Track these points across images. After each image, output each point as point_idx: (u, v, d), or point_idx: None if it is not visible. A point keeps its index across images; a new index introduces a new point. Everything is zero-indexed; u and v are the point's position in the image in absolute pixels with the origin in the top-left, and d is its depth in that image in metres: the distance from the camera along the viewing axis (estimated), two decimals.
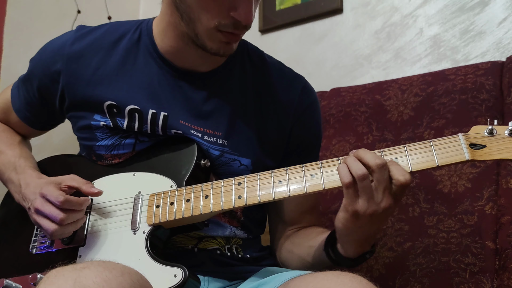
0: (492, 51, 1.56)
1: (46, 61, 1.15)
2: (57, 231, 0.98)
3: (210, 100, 1.10)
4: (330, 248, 1.00)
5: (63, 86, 1.12)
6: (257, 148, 1.10)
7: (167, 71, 1.10)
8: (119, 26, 1.16)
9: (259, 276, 1.06)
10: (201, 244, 1.08)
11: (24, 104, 1.21)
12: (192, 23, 0.99)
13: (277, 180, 0.95)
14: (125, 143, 1.11)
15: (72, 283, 0.72)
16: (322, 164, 0.93)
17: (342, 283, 0.81)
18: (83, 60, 1.11)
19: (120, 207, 1.04)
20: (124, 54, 1.11)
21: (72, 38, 1.14)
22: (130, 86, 1.09)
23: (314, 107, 1.18)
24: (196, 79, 1.10)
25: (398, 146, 0.91)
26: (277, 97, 1.14)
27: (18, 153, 1.17)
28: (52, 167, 1.16)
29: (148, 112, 1.08)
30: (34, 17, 2.02)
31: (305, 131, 1.16)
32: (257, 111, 1.12)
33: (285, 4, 2.02)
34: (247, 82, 1.13)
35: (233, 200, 0.96)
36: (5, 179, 1.16)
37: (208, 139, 1.08)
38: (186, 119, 1.08)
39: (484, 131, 0.88)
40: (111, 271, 0.76)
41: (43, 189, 1.00)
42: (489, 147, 0.87)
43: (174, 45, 1.07)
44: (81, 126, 1.13)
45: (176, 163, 1.06)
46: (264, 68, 1.16)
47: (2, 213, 1.22)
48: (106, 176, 1.10)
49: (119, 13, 2.26)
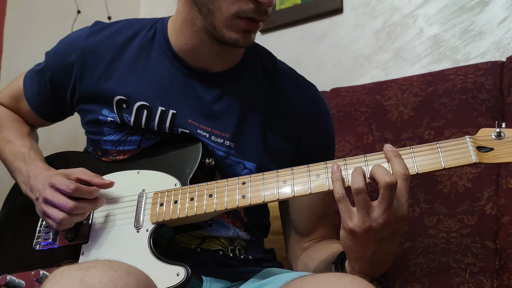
0: (492, 51, 1.56)
1: (60, 54, 1.16)
2: (65, 219, 0.98)
3: (220, 101, 1.10)
4: (339, 265, 0.97)
5: (75, 79, 1.13)
6: (263, 152, 1.10)
7: (179, 69, 1.10)
8: (134, 23, 1.16)
9: (260, 277, 1.05)
10: (204, 244, 1.08)
11: (36, 94, 1.22)
12: (211, 15, 0.99)
13: (282, 180, 0.94)
14: (131, 139, 1.11)
15: (78, 283, 0.72)
16: (327, 164, 0.93)
17: (342, 284, 0.80)
18: (96, 54, 1.12)
19: (124, 205, 1.04)
20: (137, 51, 1.12)
21: (87, 33, 1.15)
22: (141, 82, 1.10)
23: (324, 115, 1.17)
24: (208, 79, 1.10)
25: (404, 148, 0.90)
26: (287, 103, 1.13)
27: (28, 144, 1.18)
28: (57, 163, 1.16)
29: (157, 109, 1.08)
30: (34, 17, 2.02)
31: (315, 139, 1.15)
32: (266, 116, 1.12)
33: (285, 4, 2.03)
34: (258, 86, 1.13)
35: (237, 200, 0.95)
36: (13, 169, 1.16)
37: (215, 139, 1.08)
38: (194, 118, 1.08)
39: (492, 134, 0.87)
40: (117, 271, 0.76)
41: (52, 179, 1.01)
42: (496, 150, 0.86)
43: (189, 43, 1.07)
44: (89, 120, 1.14)
45: (181, 162, 1.06)
46: (276, 74, 1.16)
47: (6, 209, 1.22)
48: (110, 174, 1.10)
49: (119, 13, 2.25)
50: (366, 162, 0.90)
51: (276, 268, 1.13)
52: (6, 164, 1.19)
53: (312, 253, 1.12)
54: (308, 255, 1.13)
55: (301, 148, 1.14)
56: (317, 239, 1.16)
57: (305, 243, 1.16)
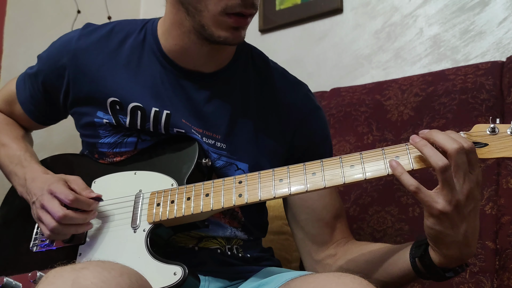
0: (492, 51, 1.56)
1: (52, 56, 1.16)
2: (56, 228, 0.98)
3: (211, 101, 1.09)
4: (424, 258, 0.91)
5: (68, 81, 1.13)
6: (256, 153, 1.10)
7: (170, 70, 1.10)
8: (125, 25, 1.16)
9: (260, 277, 1.05)
10: (201, 243, 1.08)
11: (29, 97, 1.22)
12: (198, 15, 0.99)
13: (278, 178, 0.95)
14: (128, 141, 1.11)
15: (71, 284, 0.72)
16: (323, 162, 0.93)
17: (343, 283, 0.80)
18: (88, 56, 1.12)
19: (121, 205, 1.04)
20: (129, 53, 1.12)
21: (79, 35, 1.14)
22: (134, 84, 1.10)
23: (318, 112, 1.16)
24: (199, 80, 1.10)
25: (399, 145, 0.91)
26: (279, 102, 1.13)
27: (23, 147, 1.18)
28: (54, 166, 1.16)
29: (151, 110, 1.08)
30: (34, 17, 2.02)
31: (309, 137, 1.14)
32: (258, 116, 1.12)
33: (285, 4, 2.03)
34: (249, 86, 1.13)
35: (233, 199, 0.95)
36: (8, 172, 1.16)
37: (207, 141, 1.08)
38: (187, 119, 1.08)
39: (486, 130, 0.88)
40: (110, 272, 0.76)
41: (52, 186, 1.01)
42: (491, 145, 0.87)
43: (179, 44, 1.07)
44: (84, 123, 1.14)
45: (178, 162, 1.06)
46: (268, 73, 1.15)
47: (3, 211, 1.22)
48: (107, 175, 1.10)
49: (119, 13, 2.26)
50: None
51: (276, 267, 1.13)
52: (1, 168, 1.19)
53: (358, 257, 1.06)
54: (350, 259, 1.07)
55: (295, 146, 1.13)
56: (338, 242, 1.12)
57: (328, 250, 1.12)
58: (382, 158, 0.89)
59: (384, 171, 0.89)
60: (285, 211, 1.19)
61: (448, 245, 0.87)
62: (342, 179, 0.90)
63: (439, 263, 0.89)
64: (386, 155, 0.90)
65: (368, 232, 1.40)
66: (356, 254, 1.07)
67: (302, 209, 1.14)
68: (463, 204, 0.83)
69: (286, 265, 1.42)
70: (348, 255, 1.08)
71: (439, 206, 0.83)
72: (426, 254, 0.91)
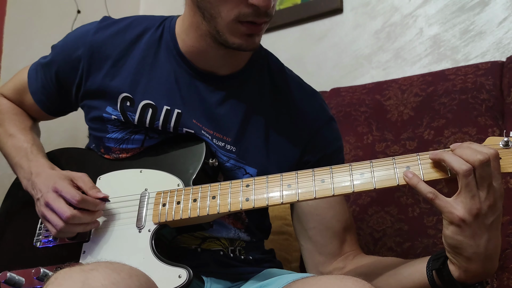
0: (492, 51, 1.56)
1: (67, 48, 1.15)
2: (64, 228, 0.98)
3: (224, 104, 1.09)
4: (436, 271, 0.88)
5: (82, 74, 1.12)
6: (265, 158, 1.09)
7: (185, 69, 1.09)
8: (143, 20, 1.15)
9: (261, 278, 1.05)
10: (204, 244, 1.08)
11: (40, 87, 1.21)
12: (213, 20, 0.98)
13: (286, 183, 0.93)
14: (135, 138, 1.11)
15: (80, 285, 0.71)
16: (332, 169, 0.91)
17: (345, 286, 0.79)
18: (104, 49, 1.11)
19: (126, 204, 1.03)
20: (145, 49, 1.11)
21: (96, 28, 1.13)
22: (148, 81, 1.09)
23: (331, 124, 1.15)
24: (213, 81, 1.09)
25: (410, 155, 0.88)
26: (295, 110, 1.12)
27: (30, 139, 1.17)
28: (60, 159, 1.16)
29: (163, 108, 1.08)
30: (34, 17, 2.02)
31: (322, 149, 1.12)
32: (271, 121, 1.11)
33: (285, 4, 2.03)
34: (264, 91, 1.12)
35: (240, 202, 0.94)
36: (14, 163, 1.14)
37: (217, 143, 1.08)
38: (198, 119, 1.08)
39: (500, 143, 0.85)
40: (119, 273, 0.75)
41: (57, 184, 1.00)
42: (504, 159, 0.84)
43: (195, 45, 1.07)
44: (93, 116, 1.13)
45: (184, 162, 1.05)
46: (283, 80, 1.15)
47: (6, 205, 1.21)
48: (113, 172, 1.09)
49: (119, 13, 2.24)
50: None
51: (277, 269, 1.13)
52: (7, 158, 1.18)
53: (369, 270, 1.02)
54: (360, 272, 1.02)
55: (307, 156, 1.12)
56: (346, 255, 1.10)
57: (336, 262, 1.10)
58: (392, 168, 0.88)
59: (394, 181, 0.87)
60: (293, 221, 1.17)
61: (469, 257, 0.83)
62: (351, 187, 0.88)
63: (458, 278, 0.85)
64: (396, 164, 0.88)
65: (368, 232, 1.40)
66: (366, 267, 1.04)
67: (312, 216, 1.12)
68: (484, 213, 0.81)
69: (286, 265, 1.42)
70: (358, 268, 1.05)
71: (459, 213, 0.81)
72: (444, 267, 0.87)
